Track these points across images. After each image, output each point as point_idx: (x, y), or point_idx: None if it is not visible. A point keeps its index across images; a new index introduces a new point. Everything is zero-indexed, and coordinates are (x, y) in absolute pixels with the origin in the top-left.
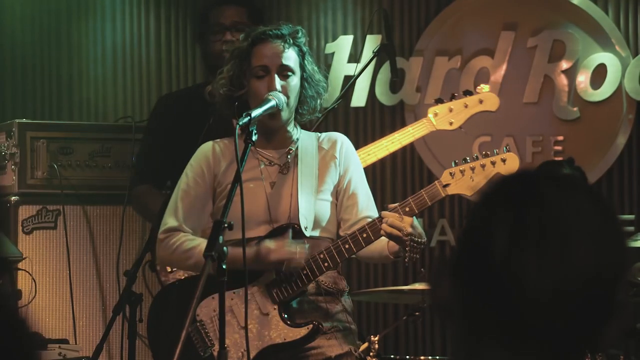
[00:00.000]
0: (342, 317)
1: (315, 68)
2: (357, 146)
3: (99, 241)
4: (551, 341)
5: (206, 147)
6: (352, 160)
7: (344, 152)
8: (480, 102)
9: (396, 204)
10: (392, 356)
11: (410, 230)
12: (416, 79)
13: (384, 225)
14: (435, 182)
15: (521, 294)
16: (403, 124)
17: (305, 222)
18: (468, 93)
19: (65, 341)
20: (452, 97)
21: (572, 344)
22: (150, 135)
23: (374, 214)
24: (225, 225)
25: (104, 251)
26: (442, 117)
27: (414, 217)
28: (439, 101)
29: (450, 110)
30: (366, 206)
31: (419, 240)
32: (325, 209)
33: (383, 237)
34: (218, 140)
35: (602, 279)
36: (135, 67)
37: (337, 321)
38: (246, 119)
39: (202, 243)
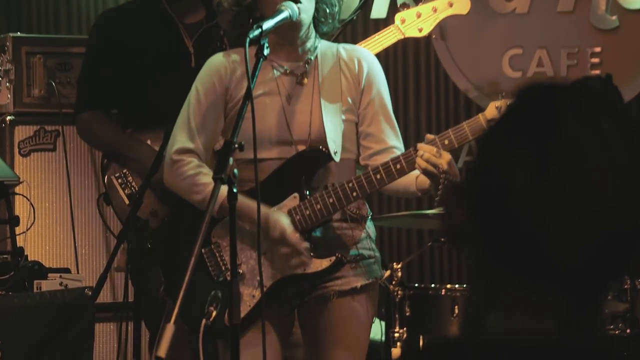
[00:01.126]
0: (367, 245)
1: None
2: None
3: (100, 164)
4: (575, 278)
5: (217, 59)
6: (377, 79)
7: (367, 68)
8: (450, 5)
9: (434, 136)
10: (415, 285)
11: (446, 167)
12: None
13: (418, 159)
14: (479, 115)
15: (542, 227)
16: (428, 38)
17: (334, 146)
18: None
19: (66, 270)
20: (419, 0)
21: (598, 279)
22: (93, 56)
23: (399, 143)
24: (236, 146)
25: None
26: (409, 23)
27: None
28: (404, 6)
29: (419, 15)
30: (390, 134)
31: (454, 180)
32: (351, 131)
33: (413, 171)
34: (229, 51)
35: (631, 206)
36: None
37: (362, 249)
38: (257, 32)
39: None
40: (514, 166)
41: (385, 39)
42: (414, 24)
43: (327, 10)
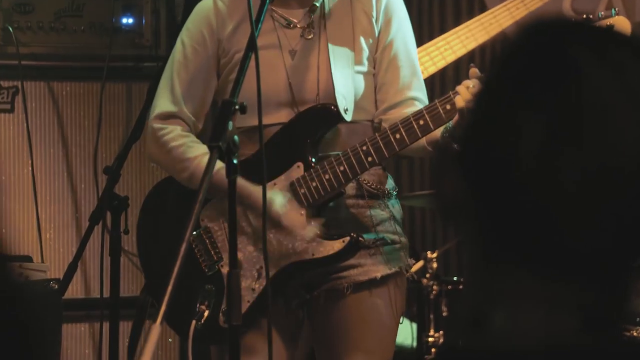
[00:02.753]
0: (390, 227)
1: None
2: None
3: (70, 128)
4: (596, 258)
5: (205, 5)
6: (396, 16)
7: (384, 5)
8: None
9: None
10: (454, 279)
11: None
12: None
13: (462, 89)
14: None
15: (555, 195)
16: None
17: (345, 102)
18: None
19: (27, 259)
20: None
21: (623, 259)
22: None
23: (422, 94)
24: (237, 107)
25: (77, 141)
26: None
27: None
28: None
29: None
30: (411, 82)
31: None
32: (368, 86)
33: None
34: None
35: None
36: None
37: (384, 232)
38: None
39: (200, 156)
40: (521, 123)
41: (516, 10)
42: None
43: None
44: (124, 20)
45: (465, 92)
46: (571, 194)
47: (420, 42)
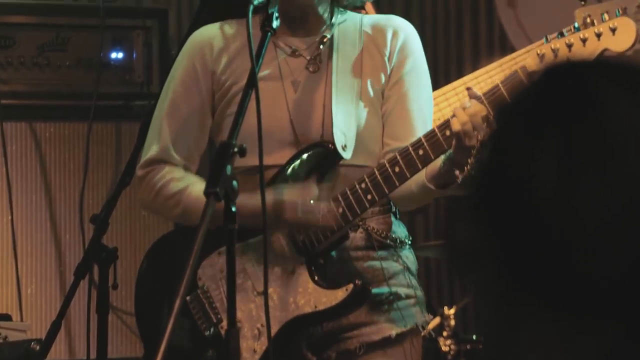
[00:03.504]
0: (404, 280)
1: None
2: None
3: (53, 173)
4: (627, 304)
5: (200, 34)
6: (412, 57)
7: (403, 39)
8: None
9: (479, 94)
10: (473, 337)
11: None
12: None
13: (458, 111)
14: (517, 69)
15: (579, 234)
16: (491, 8)
17: (343, 139)
18: None
19: (6, 317)
20: None
21: None
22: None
23: None
24: (235, 149)
25: (61, 187)
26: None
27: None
28: None
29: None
30: (417, 127)
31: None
32: (370, 123)
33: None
34: (220, 23)
35: None
36: None
37: (397, 286)
38: None
39: (194, 184)
40: (538, 156)
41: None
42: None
43: None
44: (113, 55)
45: (461, 114)
46: (592, 231)
47: (435, 83)
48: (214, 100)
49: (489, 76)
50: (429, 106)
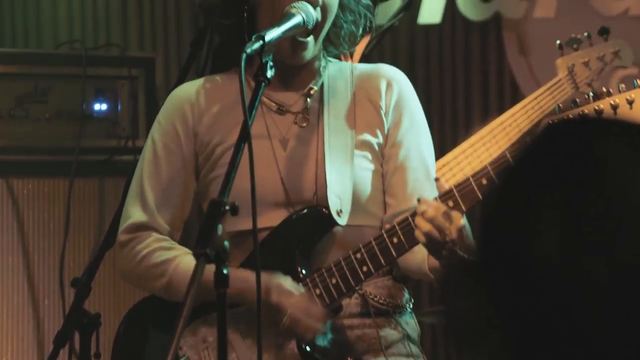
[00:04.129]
0: (403, 349)
1: None
2: (430, 92)
3: (32, 233)
4: None
5: (180, 94)
6: (408, 110)
7: (397, 92)
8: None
9: (449, 187)
10: None
11: (455, 236)
12: None
13: (418, 219)
14: (506, 150)
15: (587, 300)
16: (500, 51)
17: (339, 203)
18: (605, 32)
19: None
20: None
21: None
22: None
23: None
24: (227, 207)
25: (40, 249)
26: (584, 74)
27: (464, 217)
28: (575, 43)
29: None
30: (421, 187)
31: (465, 257)
32: (367, 182)
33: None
34: (202, 79)
35: None
36: None
37: (396, 355)
38: (257, 45)
39: (184, 254)
40: (544, 221)
41: (552, 97)
42: (584, 74)
43: (348, 29)
44: (97, 107)
45: (421, 222)
46: (601, 296)
47: (442, 131)
48: (198, 163)
49: (514, 119)
50: (431, 157)
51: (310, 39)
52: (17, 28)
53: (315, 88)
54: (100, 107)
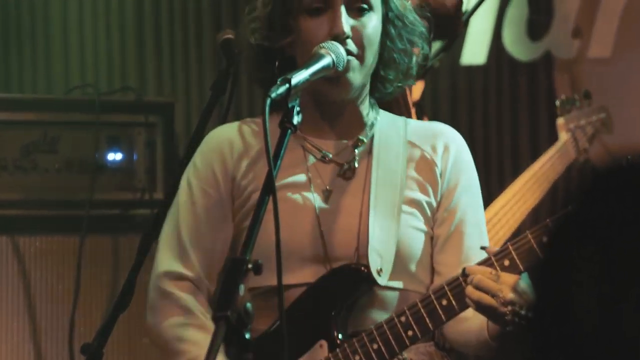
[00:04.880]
0: None
1: (408, 3)
2: (474, 137)
3: (39, 295)
4: None
5: (217, 135)
6: (465, 172)
7: (452, 156)
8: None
9: (492, 250)
10: None
11: (511, 296)
12: (572, 15)
13: (468, 290)
14: (548, 219)
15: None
16: (551, 95)
17: (379, 262)
18: (588, 96)
19: None
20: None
21: None
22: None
23: None
24: (249, 265)
25: (48, 312)
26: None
27: (523, 276)
28: (570, 104)
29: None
30: (476, 255)
31: (526, 314)
32: (413, 243)
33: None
34: (238, 122)
35: None
36: (100, 9)
37: None
38: (283, 88)
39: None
40: (582, 288)
41: (558, 162)
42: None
43: (402, 66)
44: (111, 156)
45: (471, 292)
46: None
47: (487, 182)
48: (234, 208)
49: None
50: (484, 224)
51: (353, 59)
52: (25, 72)
53: (365, 140)
54: (114, 156)
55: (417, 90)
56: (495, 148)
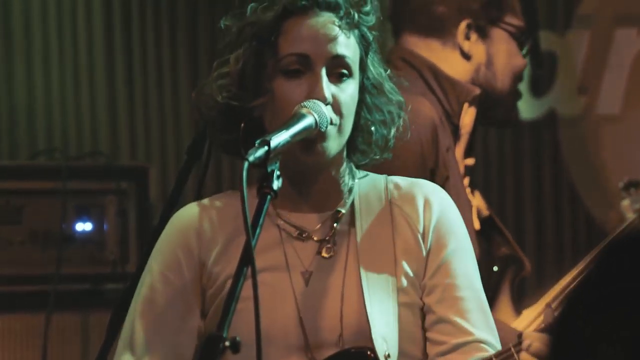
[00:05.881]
0: None
1: (384, 71)
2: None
3: None
4: None
5: (185, 216)
6: (452, 232)
7: (435, 214)
8: None
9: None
10: None
11: None
12: (578, 69)
13: (524, 356)
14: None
15: None
16: (556, 154)
17: (386, 346)
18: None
19: None
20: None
21: None
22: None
23: (491, 336)
24: (227, 343)
25: None
26: None
27: None
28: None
29: None
30: (476, 319)
31: None
32: (408, 320)
33: None
34: (209, 199)
35: None
36: (67, 66)
37: None
38: (261, 151)
39: None
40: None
41: None
42: None
43: (379, 135)
44: (79, 227)
45: (534, 340)
46: None
47: None
48: (205, 300)
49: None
50: (480, 284)
51: (331, 128)
52: None
53: (343, 210)
54: (83, 227)
55: (468, 117)
56: (498, 211)
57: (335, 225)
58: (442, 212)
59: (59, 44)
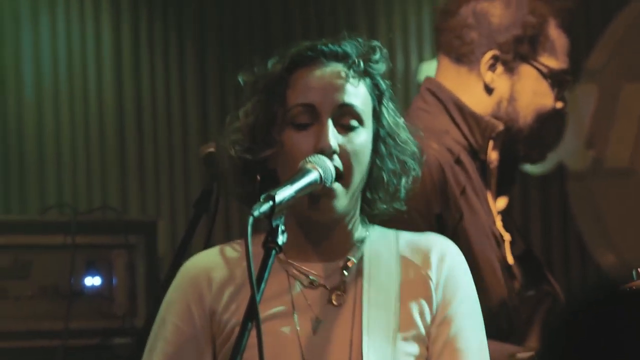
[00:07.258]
0: None
1: (401, 120)
2: None
3: None
4: None
5: (195, 266)
6: (461, 285)
7: (447, 267)
8: None
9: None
10: None
11: None
12: (586, 124)
13: None
14: None
15: None
16: (565, 209)
17: None
18: None
19: None
20: None
21: None
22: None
23: None
24: None
25: None
26: None
27: None
28: None
29: None
30: None
31: None
32: None
33: None
34: (218, 247)
35: None
36: (79, 119)
37: None
38: (266, 206)
39: None
40: None
41: None
42: None
43: (391, 186)
44: (88, 281)
45: None
46: None
47: None
48: (215, 348)
49: None
50: (484, 338)
51: (338, 185)
52: None
53: (354, 260)
54: (92, 281)
55: (495, 152)
56: None
57: (345, 274)
58: (453, 265)
59: (69, 98)
